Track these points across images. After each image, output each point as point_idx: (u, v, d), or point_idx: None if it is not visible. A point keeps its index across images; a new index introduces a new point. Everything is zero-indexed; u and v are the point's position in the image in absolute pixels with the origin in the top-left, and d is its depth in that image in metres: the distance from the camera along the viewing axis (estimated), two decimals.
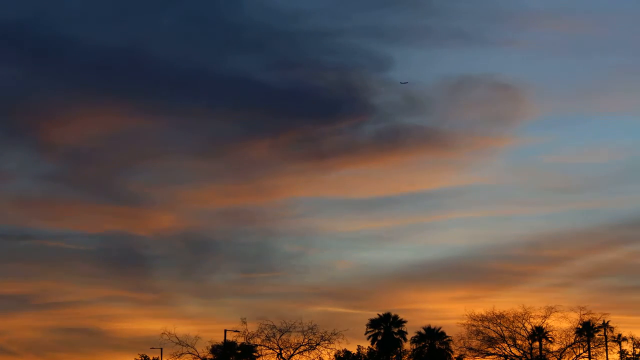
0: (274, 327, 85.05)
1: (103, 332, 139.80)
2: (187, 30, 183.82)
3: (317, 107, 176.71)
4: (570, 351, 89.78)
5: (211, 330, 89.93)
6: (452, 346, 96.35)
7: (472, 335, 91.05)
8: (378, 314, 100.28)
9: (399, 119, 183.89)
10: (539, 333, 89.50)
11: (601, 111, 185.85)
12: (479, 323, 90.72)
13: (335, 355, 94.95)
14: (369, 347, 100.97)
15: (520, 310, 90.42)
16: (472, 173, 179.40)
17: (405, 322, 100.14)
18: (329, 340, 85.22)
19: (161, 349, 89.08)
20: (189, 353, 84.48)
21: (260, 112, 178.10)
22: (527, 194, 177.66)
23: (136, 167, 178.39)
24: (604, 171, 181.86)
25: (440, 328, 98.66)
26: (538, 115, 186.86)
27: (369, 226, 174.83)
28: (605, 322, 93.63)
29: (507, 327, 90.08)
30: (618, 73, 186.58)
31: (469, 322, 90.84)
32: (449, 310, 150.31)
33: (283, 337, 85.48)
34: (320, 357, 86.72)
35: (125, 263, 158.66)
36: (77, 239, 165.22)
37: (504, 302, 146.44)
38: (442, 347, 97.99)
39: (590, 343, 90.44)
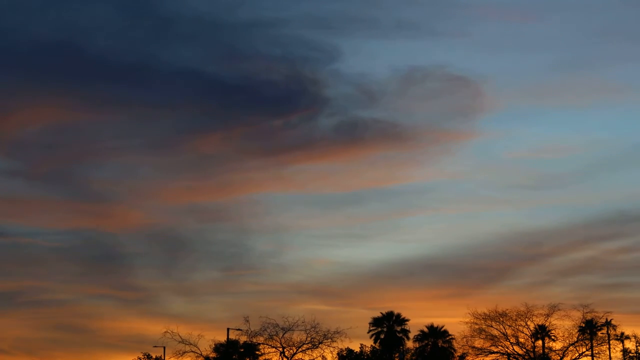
0: (277, 325, 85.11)
1: (93, 330, 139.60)
2: (125, 21, 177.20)
3: (268, 100, 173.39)
4: (573, 349, 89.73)
5: (200, 328, 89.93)
6: (455, 344, 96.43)
7: (475, 333, 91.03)
8: (381, 313, 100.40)
9: (355, 113, 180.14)
10: (542, 331, 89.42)
11: (559, 105, 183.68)
12: (482, 321, 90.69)
13: (338, 354, 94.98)
14: (371, 345, 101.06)
15: (523, 308, 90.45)
16: (436, 169, 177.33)
17: (407, 320, 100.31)
18: (331, 339, 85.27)
19: (164, 347, 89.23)
20: (192, 352, 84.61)
21: (210, 106, 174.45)
22: (494, 191, 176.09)
23: (93, 163, 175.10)
24: (567, 166, 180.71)
25: (443, 326, 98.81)
26: (497, 109, 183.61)
27: (342, 223, 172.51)
28: (608, 320, 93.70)
29: (510, 326, 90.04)
30: (573, 66, 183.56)
31: (472, 321, 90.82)
32: (435, 309, 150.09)
33: (286, 335, 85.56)
34: (323, 356, 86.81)
35: (102, 261, 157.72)
36: (49, 236, 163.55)
37: (487, 300, 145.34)
38: (444, 345, 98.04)
39: (593, 341, 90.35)
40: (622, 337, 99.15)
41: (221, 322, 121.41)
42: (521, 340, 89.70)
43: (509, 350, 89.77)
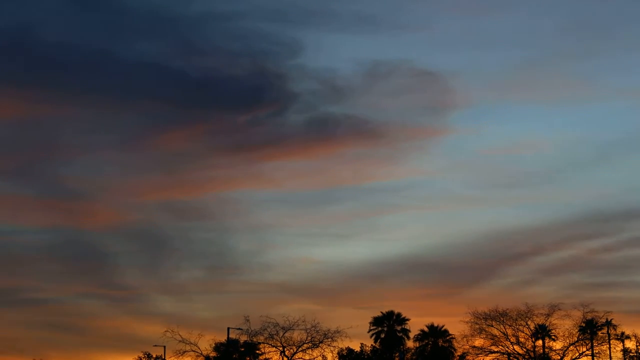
0: (277, 324, 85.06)
1: (85, 329, 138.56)
2: (79, 13, 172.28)
3: (232, 95, 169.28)
4: (573, 349, 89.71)
5: (192, 327, 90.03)
6: (455, 344, 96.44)
7: (475, 333, 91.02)
8: (381, 312, 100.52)
9: (324, 108, 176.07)
10: (542, 331, 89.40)
11: (529, 101, 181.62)
12: (482, 321, 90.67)
13: (338, 353, 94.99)
14: (372, 345, 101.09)
15: (523, 308, 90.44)
16: (411, 167, 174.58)
17: (408, 319, 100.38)
18: (332, 338, 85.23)
19: (164, 346, 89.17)
20: (192, 351, 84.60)
21: (173, 102, 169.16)
22: (471, 189, 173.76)
23: (60, 159, 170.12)
24: (541, 164, 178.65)
25: (443, 326, 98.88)
26: (467, 105, 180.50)
27: (321, 222, 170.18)
28: (609, 319, 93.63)
29: (510, 325, 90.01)
30: (543, 61, 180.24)
31: (472, 320, 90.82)
32: (423, 308, 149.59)
33: (286, 334, 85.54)
34: (323, 355, 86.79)
35: (85, 260, 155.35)
36: (26, 235, 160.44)
37: (475, 299, 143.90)
38: (445, 345, 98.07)
39: (594, 341, 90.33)
40: (622, 337, 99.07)
41: (211, 321, 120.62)
42: (521, 339, 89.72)
43: (509, 350, 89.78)
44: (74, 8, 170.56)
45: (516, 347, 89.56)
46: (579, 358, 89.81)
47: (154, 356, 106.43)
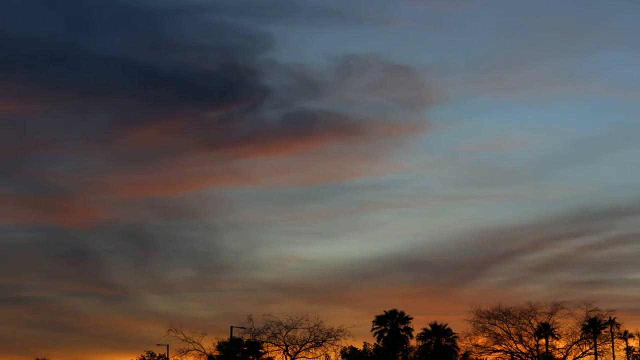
0: (280, 323, 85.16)
1: (80, 327, 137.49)
2: (46, 7, 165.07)
3: (205, 90, 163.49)
4: (576, 348, 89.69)
5: (187, 327, 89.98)
6: (459, 343, 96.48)
7: (479, 332, 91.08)
8: (384, 311, 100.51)
9: (299, 104, 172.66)
10: (545, 330, 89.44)
11: (505, 96, 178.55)
12: (485, 320, 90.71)
13: (341, 352, 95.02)
14: (375, 343, 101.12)
15: (526, 306, 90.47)
16: (391, 163, 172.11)
17: (411, 318, 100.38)
18: (335, 337, 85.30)
19: (167, 345, 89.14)
20: (195, 350, 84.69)
21: (145, 97, 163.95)
22: (455, 187, 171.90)
23: (35, 155, 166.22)
24: (522, 160, 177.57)
25: (446, 325, 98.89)
26: (443, 100, 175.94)
27: (304, 219, 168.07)
28: (612, 318, 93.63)
29: (513, 324, 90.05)
30: (517, 56, 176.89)
31: (475, 319, 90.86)
32: (414, 306, 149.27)
33: (289, 333, 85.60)
34: (326, 354, 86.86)
35: (72, 258, 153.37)
36: (10, 233, 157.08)
37: (466, 297, 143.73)
38: (448, 343, 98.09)
39: (597, 340, 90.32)
40: (625, 336, 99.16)
41: (206, 320, 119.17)
42: (524, 338, 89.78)
43: (512, 349, 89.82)
44: (40, 1, 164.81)
45: (519, 346, 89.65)
46: (582, 357, 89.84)
47: (157, 355, 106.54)
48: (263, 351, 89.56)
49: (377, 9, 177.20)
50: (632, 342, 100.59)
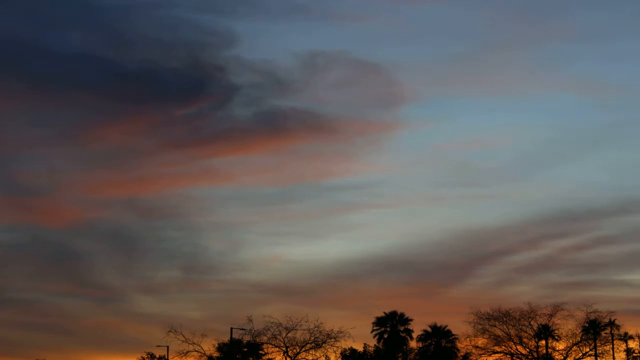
0: (280, 324, 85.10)
1: (70, 329, 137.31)
2: (3, 5, 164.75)
3: (171, 88, 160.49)
4: (576, 349, 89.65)
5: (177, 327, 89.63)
6: (458, 344, 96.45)
7: (479, 333, 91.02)
8: (384, 312, 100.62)
9: (270, 101, 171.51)
10: (545, 331, 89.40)
11: (476, 94, 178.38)
12: (485, 321, 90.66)
13: (341, 354, 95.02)
14: (375, 345, 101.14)
15: (526, 308, 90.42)
16: (368, 162, 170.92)
17: (411, 320, 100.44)
18: (335, 339, 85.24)
19: (167, 347, 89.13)
20: (195, 351, 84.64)
21: (110, 94, 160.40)
22: (434, 187, 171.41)
23: (6, 154, 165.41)
24: (499, 159, 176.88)
25: (446, 326, 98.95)
26: (415, 98, 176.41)
27: (285, 220, 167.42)
28: (612, 320, 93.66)
29: (513, 326, 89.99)
30: (490, 51, 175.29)
31: (475, 320, 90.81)
32: (403, 307, 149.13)
33: (289, 335, 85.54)
34: (326, 356, 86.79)
35: (55, 258, 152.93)
36: None
37: (453, 298, 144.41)
38: (448, 345, 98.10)
39: (597, 341, 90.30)
40: (625, 337, 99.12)
41: (197, 322, 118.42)
42: (524, 339, 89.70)
43: (512, 350, 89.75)
44: None
45: (519, 347, 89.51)
46: (582, 358, 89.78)
47: (157, 356, 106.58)
48: (263, 352, 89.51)
49: (343, 5, 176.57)
50: (632, 344, 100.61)
